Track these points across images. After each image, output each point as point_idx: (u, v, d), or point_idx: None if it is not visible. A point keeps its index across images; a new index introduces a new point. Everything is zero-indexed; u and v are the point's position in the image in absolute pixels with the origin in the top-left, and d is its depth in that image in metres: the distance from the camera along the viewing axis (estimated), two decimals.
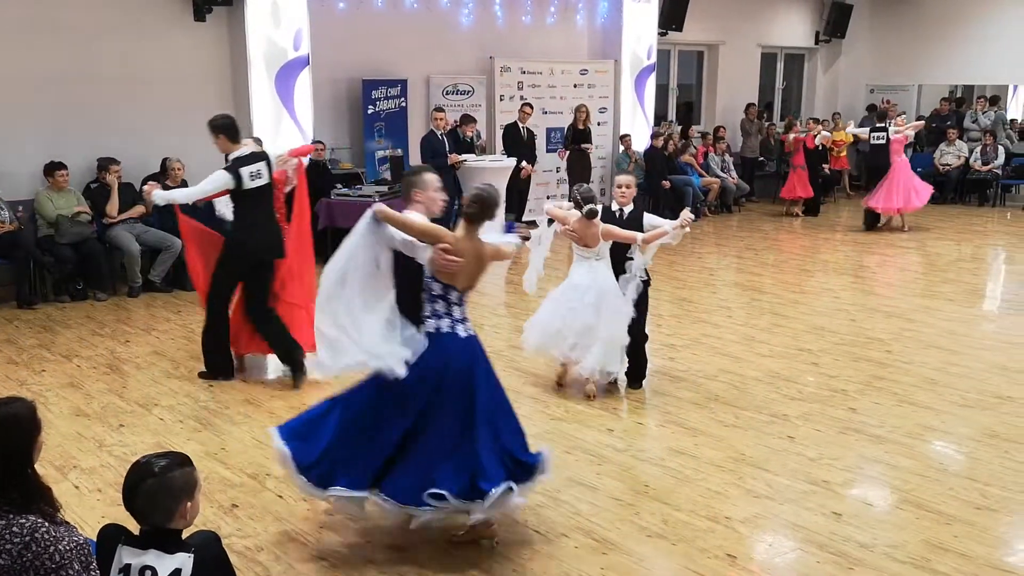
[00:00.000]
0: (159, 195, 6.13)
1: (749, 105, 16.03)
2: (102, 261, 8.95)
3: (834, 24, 17.07)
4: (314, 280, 6.09)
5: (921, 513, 4.47)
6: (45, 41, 9.16)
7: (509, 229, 4.42)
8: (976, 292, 9.77)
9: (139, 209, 9.22)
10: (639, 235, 5.88)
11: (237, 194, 6.15)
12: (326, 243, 10.65)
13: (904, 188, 12.63)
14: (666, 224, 5.91)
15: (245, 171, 6.08)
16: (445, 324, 4.02)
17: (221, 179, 6.08)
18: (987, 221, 14.17)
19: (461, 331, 4.04)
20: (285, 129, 10.73)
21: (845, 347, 7.35)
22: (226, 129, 6.22)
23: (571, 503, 4.56)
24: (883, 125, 13.24)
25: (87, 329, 7.83)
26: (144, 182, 9.51)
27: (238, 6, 10.26)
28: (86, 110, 9.42)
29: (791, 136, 14.43)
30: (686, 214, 5.80)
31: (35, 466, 2.58)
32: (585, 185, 6.32)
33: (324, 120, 11.20)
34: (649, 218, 6.15)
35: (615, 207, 6.25)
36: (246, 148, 6.24)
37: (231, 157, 6.16)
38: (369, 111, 11.39)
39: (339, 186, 10.57)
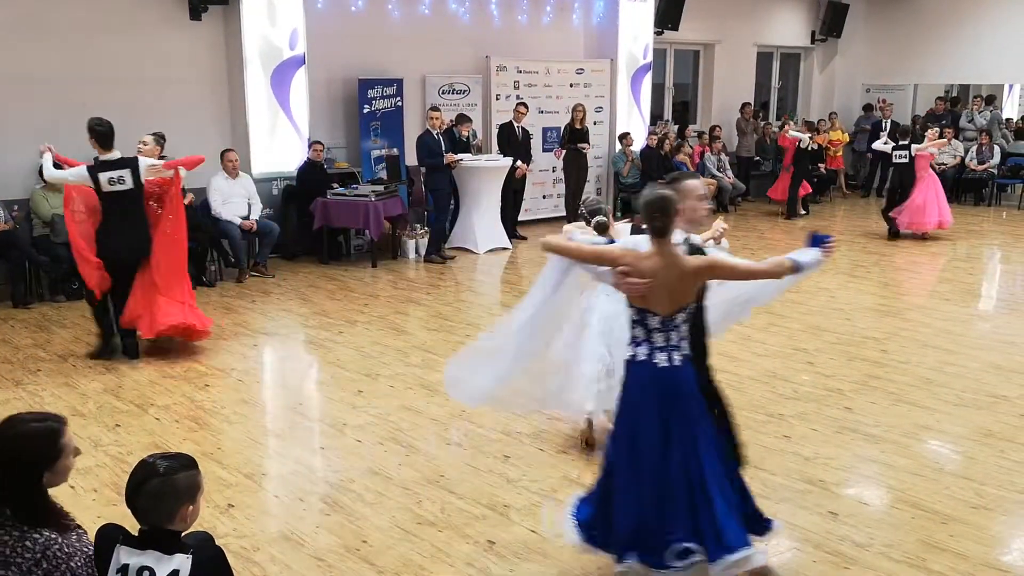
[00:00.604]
0: (46, 160, 6.90)
1: (745, 104, 16.05)
2: None
3: (830, 23, 17.09)
4: (185, 277, 7.19)
5: (917, 512, 4.47)
6: (40, 41, 9.15)
7: (816, 243, 3.78)
8: (972, 291, 9.78)
9: None
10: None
11: (100, 195, 6.69)
12: (322, 242, 10.69)
13: (935, 207, 12.21)
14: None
15: (104, 176, 6.63)
16: (642, 352, 3.57)
17: (80, 174, 6.71)
18: (983, 220, 14.20)
19: (661, 360, 3.55)
20: (281, 128, 10.73)
21: (841, 346, 7.36)
22: (97, 135, 6.70)
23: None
24: (906, 143, 12.51)
25: (82, 329, 7.81)
26: None
27: (234, 5, 10.24)
28: (81, 109, 9.34)
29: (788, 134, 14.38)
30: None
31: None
32: (591, 196, 6.03)
33: (320, 119, 11.19)
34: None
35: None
36: (114, 154, 6.71)
37: (97, 159, 6.77)
38: (365, 110, 11.38)
39: (335, 185, 10.56)
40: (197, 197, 9.54)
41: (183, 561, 2.43)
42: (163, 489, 2.46)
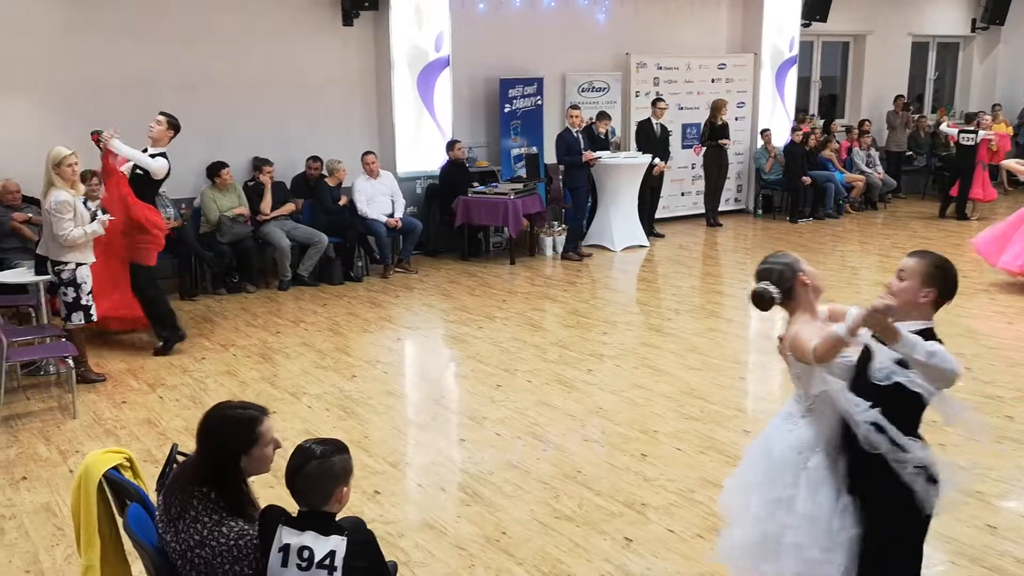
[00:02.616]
0: (116, 144, 6.96)
1: (898, 97, 15.38)
2: (254, 256, 9.43)
3: (992, 10, 16.15)
4: None
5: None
6: (203, 47, 9.71)
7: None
8: None
9: (290, 207, 9.68)
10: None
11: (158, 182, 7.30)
12: (463, 240, 10.92)
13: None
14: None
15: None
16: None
17: (161, 164, 7.09)
18: None
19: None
20: (425, 127, 11.02)
21: (1001, 351, 6.99)
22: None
23: (705, 503, 4.53)
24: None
25: (242, 320, 8.27)
26: (292, 183, 10.03)
27: (383, 10, 10.59)
28: (241, 112, 9.95)
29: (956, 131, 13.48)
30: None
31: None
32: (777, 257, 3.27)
33: (462, 118, 11.43)
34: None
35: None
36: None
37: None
38: (505, 109, 11.54)
39: (475, 184, 10.77)
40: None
41: (339, 542, 2.56)
42: (320, 471, 2.61)
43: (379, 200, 10.17)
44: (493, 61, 11.52)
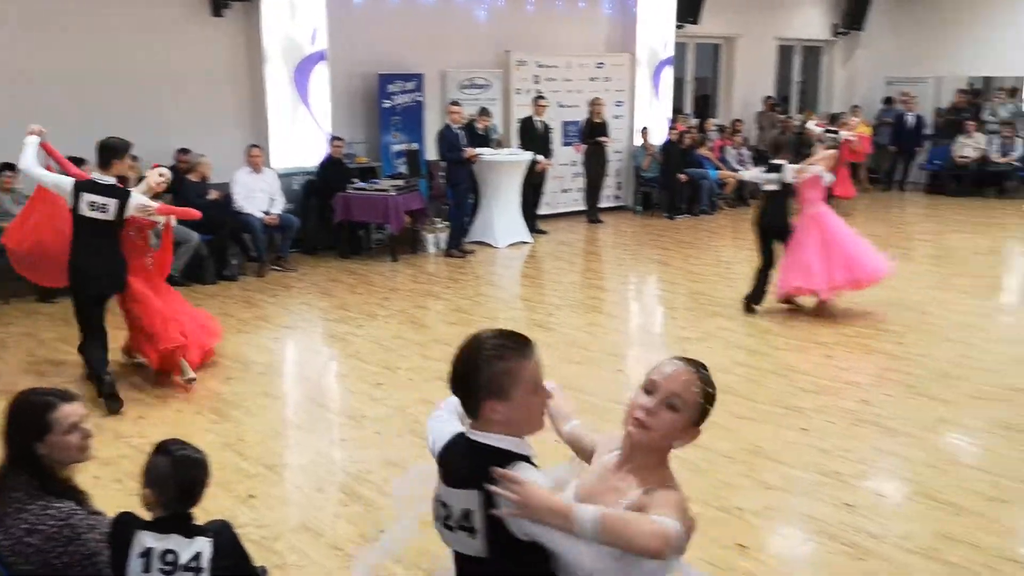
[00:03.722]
0: (29, 145, 5.88)
1: (766, 98, 15.99)
2: None
3: (852, 16, 16.98)
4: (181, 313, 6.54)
5: (932, 504, 4.48)
6: (62, 38, 9.27)
7: None
8: (993, 285, 9.72)
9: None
10: None
11: (73, 216, 5.84)
12: (343, 237, 10.78)
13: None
14: None
15: (87, 197, 5.77)
16: None
17: (61, 185, 5.87)
18: (1005, 214, 14.06)
19: None
20: (302, 123, 10.82)
21: (859, 339, 7.35)
22: (100, 151, 5.94)
23: None
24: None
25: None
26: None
27: (255, 2, 10.34)
28: (108, 106, 9.52)
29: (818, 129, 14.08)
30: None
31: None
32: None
33: (340, 114, 11.27)
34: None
35: None
36: (108, 179, 5.84)
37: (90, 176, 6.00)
38: (385, 105, 11.44)
39: (355, 180, 10.64)
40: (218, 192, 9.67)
41: (205, 544, 2.51)
42: (206, 472, 2.64)
43: (258, 196, 9.93)
44: (371, 56, 11.40)
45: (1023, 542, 4.21)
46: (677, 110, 15.20)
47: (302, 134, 10.85)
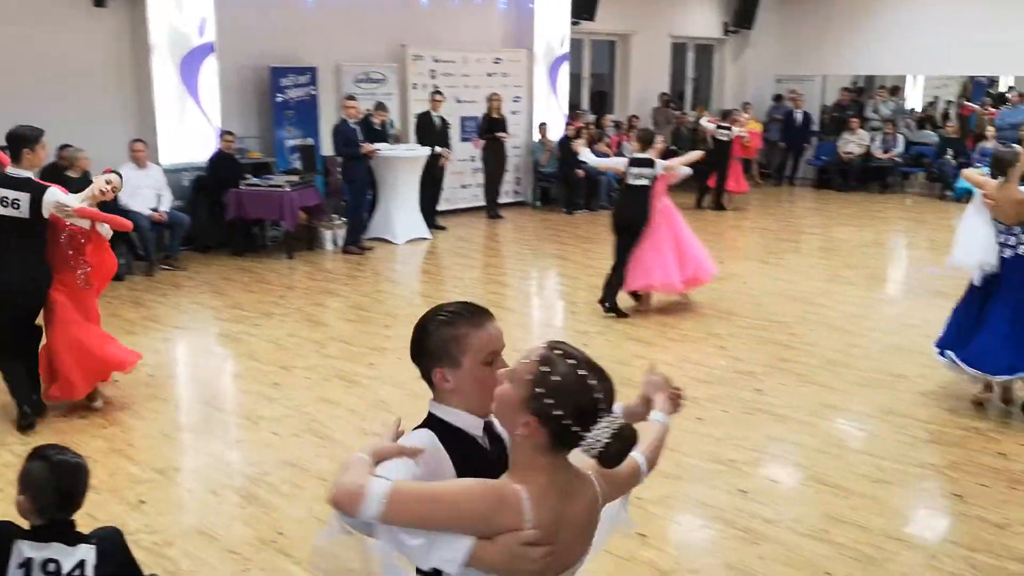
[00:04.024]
0: None
1: (661, 94, 16.29)
2: None
3: (741, 15, 17.44)
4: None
5: (822, 488, 4.64)
6: None
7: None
8: (876, 276, 10.13)
9: None
10: None
11: None
12: (236, 234, 10.50)
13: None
14: None
15: None
16: None
17: None
18: (888, 207, 14.70)
19: None
20: (190, 118, 10.49)
21: (752, 331, 7.55)
22: (9, 141, 5.38)
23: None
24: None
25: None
26: (42, 174, 9.22)
27: None
28: None
29: (711, 125, 14.40)
30: None
31: None
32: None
33: (231, 108, 10.96)
34: None
35: None
36: (22, 172, 5.27)
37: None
38: (278, 99, 11.19)
39: (248, 176, 10.37)
40: None
41: (88, 551, 2.39)
42: (86, 477, 2.48)
43: (143, 192, 9.56)
44: (262, 49, 11.13)
45: (906, 522, 4.39)
46: (575, 106, 15.34)
47: (191, 129, 10.51)
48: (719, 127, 13.97)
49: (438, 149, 11.77)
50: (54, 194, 5.27)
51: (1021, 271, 5.48)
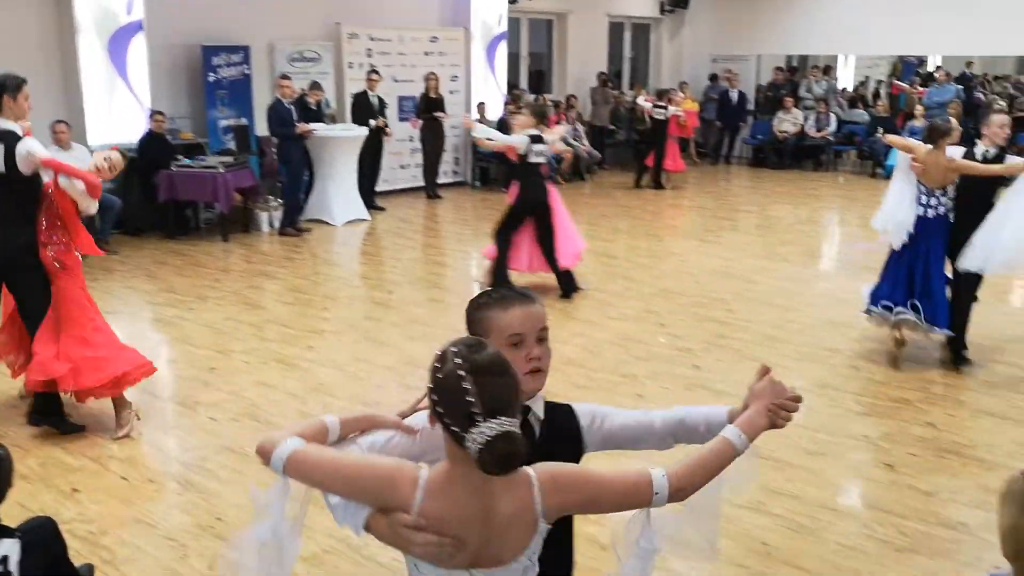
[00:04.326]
0: None
1: (599, 74, 16.32)
2: None
3: None
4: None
5: (759, 461, 4.71)
6: None
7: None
8: (811, 253, 10.33)
9: None
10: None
11: None
12: (169, 217, 10.27)
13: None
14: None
15: None
16: None
17: None
18: (821, 185, 14.98)
19: None
20: (119, 98, 10.21)
21: (691, 308, 7.65)
22: None
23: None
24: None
25: None
26: None
27: None
28: None
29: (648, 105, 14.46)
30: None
31: None
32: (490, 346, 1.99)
33: (162, 88, 10.69)
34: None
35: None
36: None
37: None
38: (210, 79, 10.94)
39: (180, 157, 10.14)
40: None
41: (12, 546, 2.32)
42: (10, 469, 2.39)
43: None
44: (193, 27, 10.86)
45: (840, 492, 4.50)
46: (513, 86, 15.30)
47: (120, 109, 10.23)
48: (656, 106, 14.06)
49: (377, 121, 11.64)
50: (26, 143, 4.81)
51: (941, 229, 6.02)
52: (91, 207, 5.18)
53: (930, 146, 5.93)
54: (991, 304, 7.36)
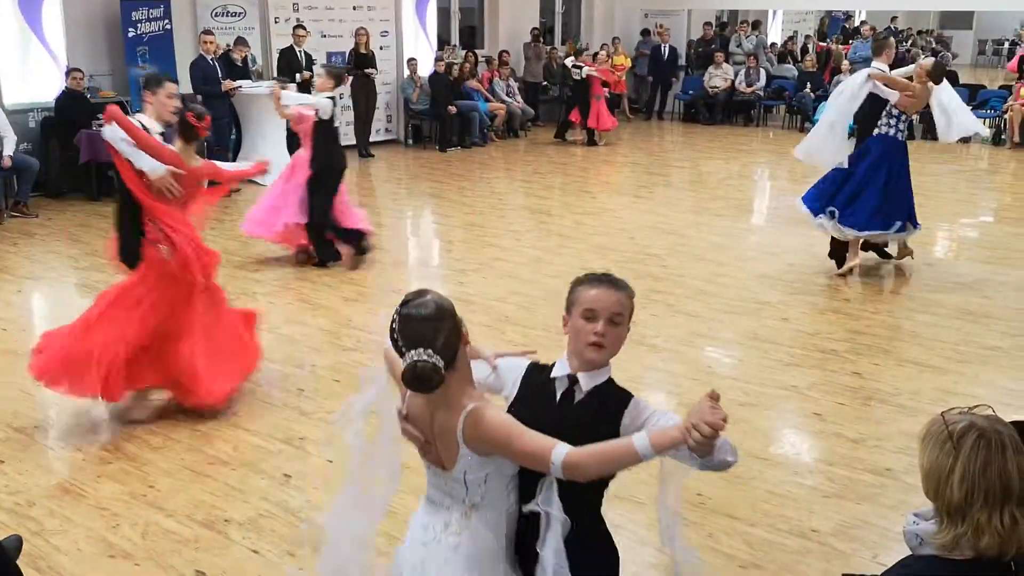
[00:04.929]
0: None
1: (532, 30, 16.17)
2: None
3: None
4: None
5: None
6: None
7: None
8: (742, 207, 10.47)
9: None
10: None
11: None
12: (91, 178, 9.94)
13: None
14: None
15: None
16: None
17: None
18: (752, 140, 15.17)
19: None
20: (35, 54, 9.80)
21: (626, 264, 7.69)
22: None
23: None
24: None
25: None
26: None
27: None
28: None
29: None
30: None
31: None
32: (429, 294, 2.35)
33: (79, 44, 10.28)
34: None
35: None
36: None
37: None
38: (130, 34, 10.56)
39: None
40: None
41: None
42: None
43: None
44: None
45: (771, 442, 4.60)
46: (444, 41, 15.09)
47: (35, 67, 9.83)
48: (573, 66, 13.96)
49: (303, 74, 11.38)
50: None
51: (899, 151, 6.96)
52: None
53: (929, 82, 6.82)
54: (917, 254, 7.57)
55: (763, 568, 3.49)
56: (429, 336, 2.09)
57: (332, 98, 7.39)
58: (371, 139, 13.24)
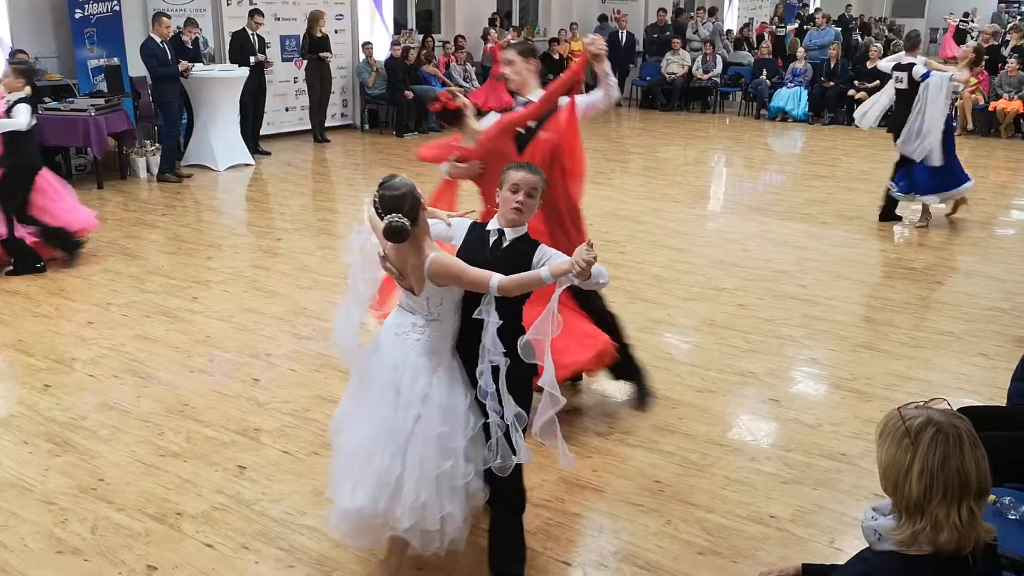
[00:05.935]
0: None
1: (492, 14, 16.06)
2: None
3: None
4: None
5: (651, 400, 4.80)
6: None
7: None
8: (699, 193, 10.51)
9: None
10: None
11: None
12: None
13: None
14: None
15: None
16: None
17: None
18: (709, 127, 15.23)
19: None
20: None
21: None
22: None
23: (320, 420, 4.49)
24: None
25: None
26: None
27: None
28: None
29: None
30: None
31: None
32: (398, 177, 3.06)
33: (23, 25, 10.00)
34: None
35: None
36: None
37: None
38: (77, 15, 10.28)
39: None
40: None
41: None
42: None
43: None
44: None
45: (729, 428, 4.61)
46: (401, 25, 14.93)
47: None
48: None
49: (257, 55, 11.20)
50: None
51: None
52: None
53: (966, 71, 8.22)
54: (872, 242, 7.66)
55: (721, 555, 3.49)
56: (399, 205, 2.91)
57: (25, 99, 6.62)
58: (327, 124, 13.07)
